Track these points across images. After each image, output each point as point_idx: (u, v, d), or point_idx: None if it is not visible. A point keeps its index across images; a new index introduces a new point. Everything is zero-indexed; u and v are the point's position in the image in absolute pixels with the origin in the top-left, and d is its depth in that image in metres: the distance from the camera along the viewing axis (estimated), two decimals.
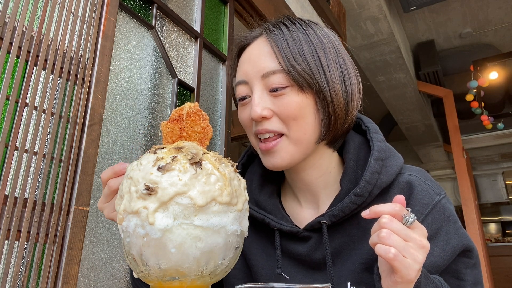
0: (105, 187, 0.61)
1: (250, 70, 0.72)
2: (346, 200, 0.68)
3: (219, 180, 0.50)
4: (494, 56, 4.96)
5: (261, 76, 0.70)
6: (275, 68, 0.69)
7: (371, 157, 0.70)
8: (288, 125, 0.69)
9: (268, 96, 0.70)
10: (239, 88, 0.75)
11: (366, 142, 0.77)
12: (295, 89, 0.68)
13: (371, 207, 0.56)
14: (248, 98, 0.73)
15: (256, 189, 0.81)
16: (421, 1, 3.92)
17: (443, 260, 0.66)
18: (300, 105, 0.68)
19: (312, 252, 0.72)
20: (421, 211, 0.68)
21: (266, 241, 0.78)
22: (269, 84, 0.69)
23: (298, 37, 0.70)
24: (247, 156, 0.88)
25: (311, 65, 0.69)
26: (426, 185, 0.71)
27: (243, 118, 0.75)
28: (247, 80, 0.72)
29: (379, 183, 0.69)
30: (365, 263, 0.68)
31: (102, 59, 1.14)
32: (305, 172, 0.76)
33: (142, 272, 0.50)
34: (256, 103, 0.69)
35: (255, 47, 0.74)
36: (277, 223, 0.74)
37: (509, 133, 6.28)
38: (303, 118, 0.69)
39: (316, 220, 0.71)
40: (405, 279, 0.51)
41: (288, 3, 2.46)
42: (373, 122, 0.79)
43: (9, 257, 0.85)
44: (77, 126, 1.04)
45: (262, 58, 0.71)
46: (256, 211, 0.77)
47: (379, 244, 0.52)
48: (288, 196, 0.83)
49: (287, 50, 0.69)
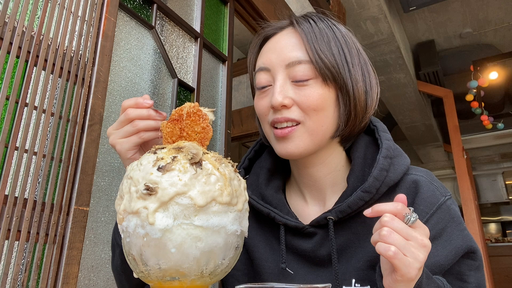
0: (122, 113, 0.64)
1: (274, 58, 0.72)
2: (353, 196, 0.68)
3: (219, 180, 0.50)
4: (494, 56, 4.96)
5: (286, 65, 0.70)
6: (301, 58, 0.69)
7: (380, 155, 0.70)
8: (308, 115, 0.69)
9: (291, 86, 0.70)
10: (260, 75, 0.74)
11: (374, 142, 0.77)
12: (319, 81, 0.69)
13: (373, 206, 0.56)
14: (268, 87, 0.73)
15: (262, 183, 0.80)
16: (421, 1, 3.92)
17: (446, 260, 0.66)
18: (322, 96, 0.69)
19: (317, 249, 0.72)
20: (426, 211, 0.68)
21: (270, 236, 0.78)
22: (293, 74, 0.69)
23: (325, 32, 0.71)
24: (254, 152, 0.88)
25: (337, 59, 0.69)
26: (432, 186, 0.71)
27: (261, 106, 0.74)
28: (270, 68, 0.72)
29: (387, 181, 0.69)
30: (370, 260, 0.68)
31: (102, 59, 1.14)
32: (315, 168, 0.76)
33: (142, 272, 0.50)
34: (278, 90, 0.69)
35: (281, 37, 0.74)
36: (282, 218, 0.74)
37: (509, 133, 6.28)
38: (323, 110, 0.69)
39: (322, 216, 0.71)
40: (405, 277, 0.51)
41: (288, 3, 2.46)
42: (380, 121, 0.80)
43: (9, 257, 0.85)
44: (77, 126, 1.04)
45: (289, 47, 0.71)
46: (262, 205, 0.77)
47: (380, 242, 0.52)
48: (293, 192, 0.83)
49: (315, 43, 0.69)
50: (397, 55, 4.38)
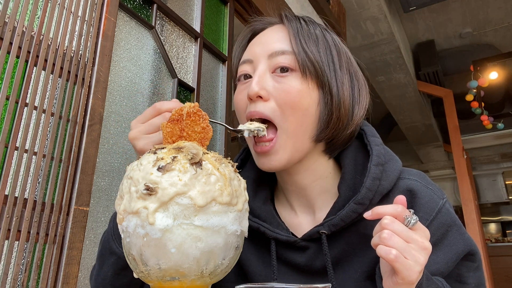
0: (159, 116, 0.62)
1: (258, 50, 0.70)
2: (346, 209, 0.66)
3: (219, 180, 0.50)
4: (494, 56, 4.96)
5: (268, 55, 0.68)
6: (284, 49, 0.68)
7: (371, 163, 0.67)
8: (284, 113, 0.66)
9: (270, 77, 0.68)
10: (242, 67, 0.72)
11: (363, 146, 0.74)
12: (299, 75, 0.67)
13: (373, 208, 0.55)
14: (249, 79, 0.71)
15: (249, 195, 0.77)
16: (421, 1, 3.92)
17: (447, 267, 0.65)
18: (300, 92, 0.66)
19: (311, 262, 0.70)
20: (425, 217, 0.66)
21: (262, 249, 0.75)
22: (274, 63, 0.68)
23: (315, 33, 0.70)
24: (240, 160, 0.84)
25: (322, 57, 0.68)
26: (428, 190, 0.69)
27: (239, 99, 0.72)
28: (253, 59, 0.70)
29: (380, 189, 0.67)
30: (367, 271, 0.66)
31: (102, 59, 1.14)
32: (300, 175, 0.73)
33: (142, 272, 0.50)
34: (256, 80, 0.67)
35: (269, 32, 0.73)
36: (272, 232, 0.71)
37: (509, 133, 6.29)
38: (301, 108, 0.66)
39: (314, 230, 0.68)
40: (406, 280, 0.51)
41: (288, 3, 2.46)
42: (369, 125, 0.77)
43: (9, 257, 0.85)
44: (77, 126, 1.03)
45: (274, 39, 0.70)
46: (250, 219, 0.72)
47: (381, 245, 0.51)
48: (281, 201, 0.80)
49: (301, 37, 0.68)
50: (397, 55, 4.38)
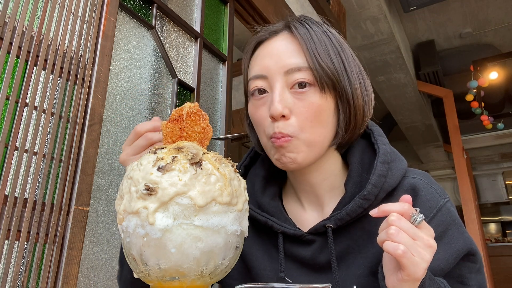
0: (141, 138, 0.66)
1: (272, 65, 0.69)
2: (352, 204, 0.67)
3: (219, 180, 0.50)
4: (494, 56, 4.97)
5: (284, 72, 0.68)
6: (301, 65, 0.67)
7: (377, 160, 0.69)
8: (304, 128, 0.67)
9: (289, 94, 0.68)
10: (256, 82, 0.71)
11: (370, 145, 0.76)
12: (317, 89, 0.67)
13: (379, 206, 0.56)
14: (265, 94, 0.70)
15: (258, 191, 0.79)
16: (421, 1, 3.92)
17: (447, 264, 0.66)
18: (320, 107, 0.67)
19: (316, 256, 0.71)
20: (426, 214, 0.67)
21: (268, 244, 0.77)
22: (292, 81, 0.67)
23: (323, 39, 0.70)
24: (249, 158, 0.86)
25: (336, 67, 0.68)
26: (431, 188, 0.71)
27: (259, 115, 0.71)
28: (267, 75, 0.69)
29: (385, 187, 0.68)
30: (371, 267, 0.67)
31: (102, 59, 1.14)
32: (312, 174, 0.75)
33: (142, 272, 0.50)
34: (277, 99, 0.66)
35: (278, 42, 0.71)
36: (280, 226, 0.73)
37: (509, 133, 6.29)
38: (320, 121, 0.67)
39: (321, 224, 0.70)
40: (412, 277, 0.51)
41: (288, 3, 2.46)
42: (376, 125, 0.79)
43: (9, 257, 0.85)
44: (77, 126, 1.04)
45: (287, 54, 0.69)
46: (258, 213, 0.76)
47: (388, 241, 0.52)
48: (290, 198, 0.82)
49: (315, 50, 0.67)
50: (397, 55, 4.38)
